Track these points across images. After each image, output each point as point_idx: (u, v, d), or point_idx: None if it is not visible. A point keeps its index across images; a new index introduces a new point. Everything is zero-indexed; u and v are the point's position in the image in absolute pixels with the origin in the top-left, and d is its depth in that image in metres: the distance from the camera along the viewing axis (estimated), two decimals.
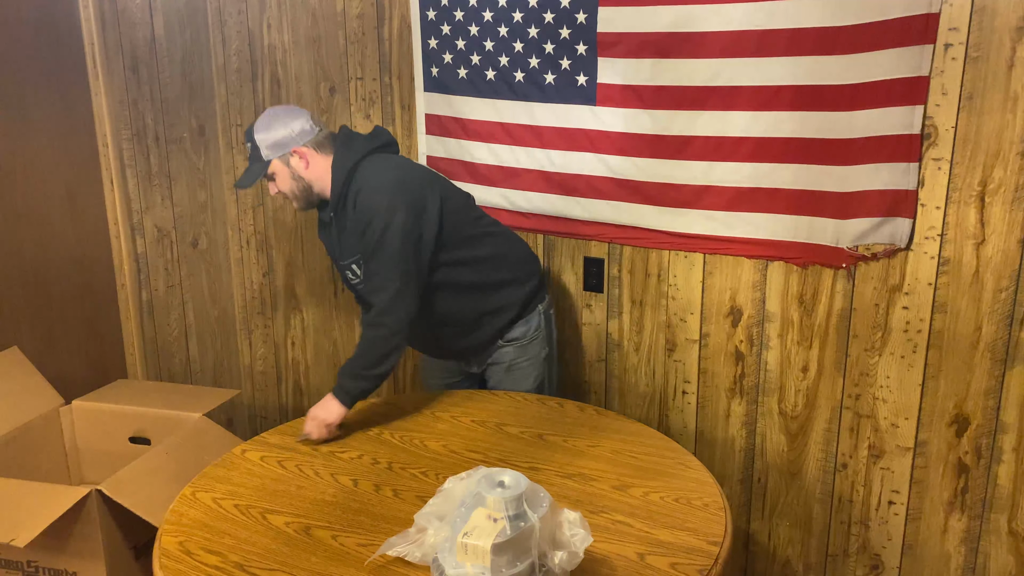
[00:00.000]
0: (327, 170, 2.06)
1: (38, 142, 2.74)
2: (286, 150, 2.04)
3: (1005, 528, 1.93)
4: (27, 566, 2.11)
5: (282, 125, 2.04)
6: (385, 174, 2.02)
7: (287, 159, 2.05)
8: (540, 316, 2.18)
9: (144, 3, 2.78)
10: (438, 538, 1.35)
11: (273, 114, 2.07)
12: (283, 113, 2.07)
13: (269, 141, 2.04)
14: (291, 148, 2.04)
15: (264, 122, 2.06)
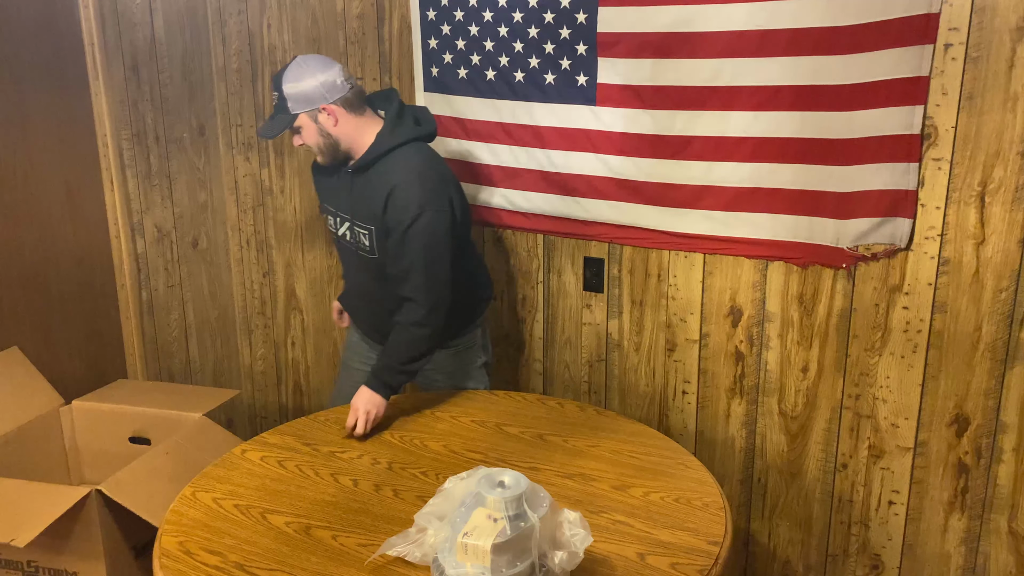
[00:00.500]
0: (357, 129, 1.99)
1: (38, 142, 2.73)
2: (315, 106, 1.96)
3: (1005, 528, 1.93)
4: (27, 566, 2.11)
5: (312, 78, 1.95)
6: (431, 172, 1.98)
7: (315, 115, 1.97)
8: (479, 328, 2.22)
9: (144, 3, 2.78)
10: (438, 538, 1.35)
11: (304, 64, 1.97)
12: (315, 64, 1.97)
13: (298, 94, 1.95)
14: (320, 105, 1.96)
15: (294, 72, 1.96)
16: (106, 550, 2.07)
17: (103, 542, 2.06)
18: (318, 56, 2.01)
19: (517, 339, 2.48)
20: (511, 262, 2.42)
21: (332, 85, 1.95)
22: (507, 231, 2.40)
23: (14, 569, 2.12)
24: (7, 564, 2.12)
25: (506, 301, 2.46)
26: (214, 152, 2.82)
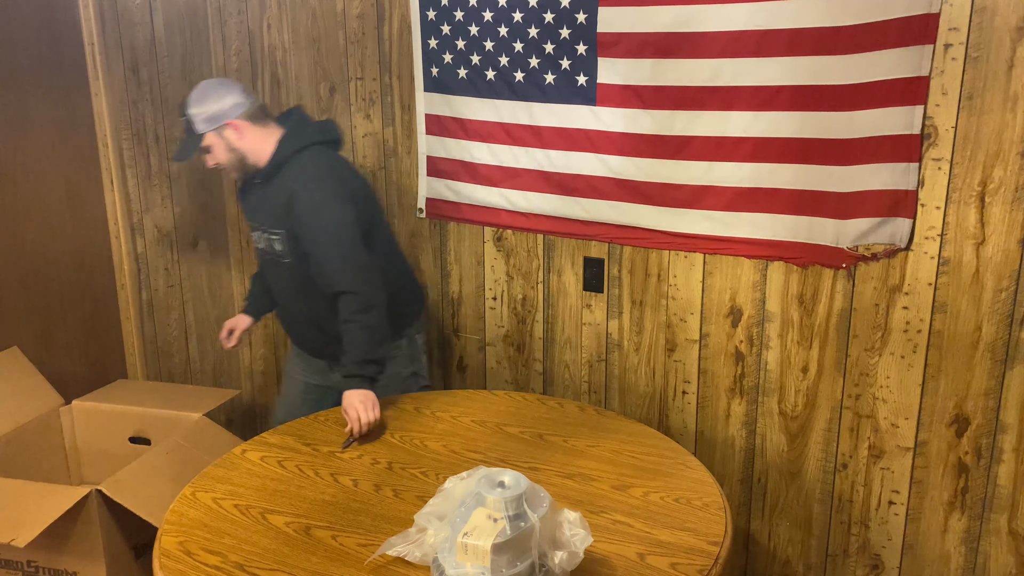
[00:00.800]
0: (261, 140, 2.11)
1: (38, 142, 2.74)
2: (220, 123, 2.09)
3: (1005, 528, 1.93)
4: (27, 566, 2.11)
5: (215, 99, 2.09)
6: (328, 170, 2.09)
7: (221, 131, 2.10)
8: (406, 340, 2.25)
9: (144, 3, 2.78)
10: (438, 538, 1.35)
11: (206, 87, 2.12)
12: (216, 86, 2.12)
13: (203, 115, 2.09)
14: (225, 121, 2.09)
15: (197, 96, 2.11)
16: (106, 550, 2.07)
17: (103, 542, 2.06)
18: (217, 79, 2.20)
19: (517, 339, 2.48)
20: (511, 262, 2.43)
21: (234, 103, 2.11)
22: (507, 231, 2.41)
23: (14, 569, 2.12)
24: (7, 564, 2.12)
25: (506, 301, 2.47)
26: None
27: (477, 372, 2.58)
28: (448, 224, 2.49)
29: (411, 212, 2.54)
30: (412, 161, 2.49)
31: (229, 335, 2.39)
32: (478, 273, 2.49)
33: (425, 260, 2.56)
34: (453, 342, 2.60)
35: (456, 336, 2.59)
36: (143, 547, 2.18)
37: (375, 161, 2.56)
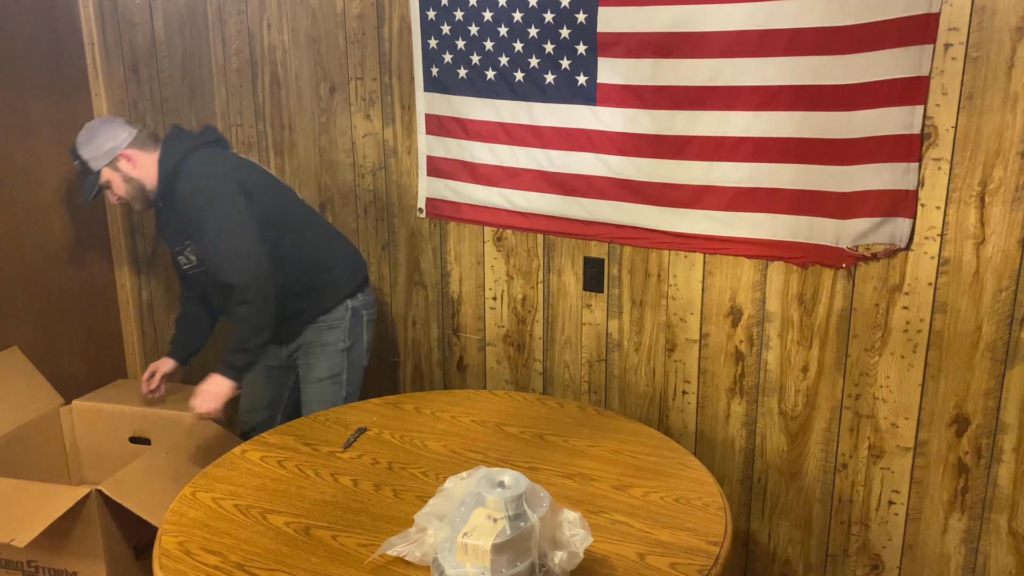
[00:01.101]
0: (154, 165, 2.19)
1: (38, 142, 2.73)
2: (112, 156, 2.19)
3: (1005, 528, 1.93)
4: (27, 566, 2.11)
5: (102, 135, 2.20)
6: (207, 167, 2.17)
7: (115, 164, 2.20)
8: (347, 310, 2.31)
9: (144, 3, 2.78)
10: (438, 538, 1.35)
11: (91, 127, 2.24)
12: (101, 123, 2.24)
13: (94, 152, 2.20)
14: (117, 153, 2.19)
15: (84, 136, 2.22)
16: (106, 550, 2.07)
17: (103, 542, 2.06)
18: (101, 118, 2.30)
19: (517, 339, 2.48)
20: (511, 262, 2.43)
21: (120, 134, 2.21)
22: (507, 231, 2.41)
23: (14, 569, 2.12)
24: (7, 564, 2.12)
25: (506, 301, 2.47)
26: None
27: (477, 372, 2.59)
28: (448, 224, 2.49)
29: (411, 212, 2.54)
30: (412, 161, 2.49)
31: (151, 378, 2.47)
32: (478, 273, 2.49)
33: (425, 260, 2.56)
34: (453, 342, 2.60)
35: (456, 336, 2.59)
36: (143, 547, 2.18)
37: (375, 161, 2.56)
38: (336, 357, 2.30)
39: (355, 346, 2.35)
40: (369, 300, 2.40)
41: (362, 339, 2.37)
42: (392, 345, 2.72)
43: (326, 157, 2.63)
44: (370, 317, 2.40)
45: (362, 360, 2.39)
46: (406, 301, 2.64)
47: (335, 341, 2.30)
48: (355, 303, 2.34)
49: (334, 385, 2.29)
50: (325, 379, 2.29)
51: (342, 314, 2.31)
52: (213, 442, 2.35)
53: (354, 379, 2.36)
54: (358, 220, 2.64)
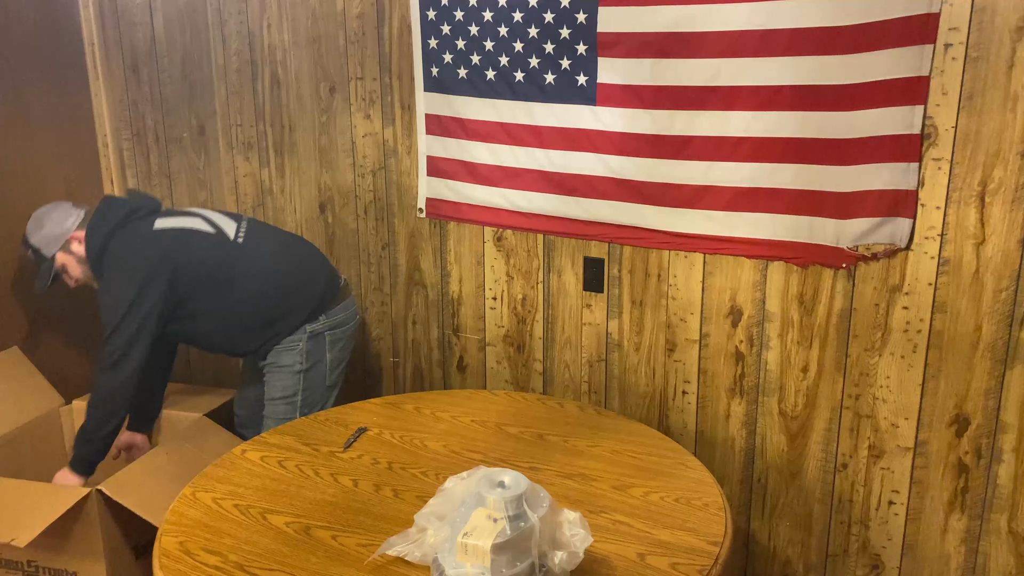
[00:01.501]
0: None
1: (38, 142, 2.73)
2: (63, 240, 2.22)
3: (1005, 528, 1.93)
4: (27, 566, 2.11)
5: (50, 221, 2.23)
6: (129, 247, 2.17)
7: (68, 248, 2.22)
8: (304, 333, 2.28)
9: (144, 3, 2.78)
10: (438, 538, 1.35)
11: (39, 215, 2.27)
12: (48, 210, 2.27)
13: (45, 239, 2.23)
14: (67, 237, 2.21)
15: (34, 225, 2.26)
16: (106, 550, 2.07)
17: (103, 542, 2.06)
18: (47, 205, 2.32)
19: (517, 339, 2.48)
20: (511, 262, 2.43)
21: (69, 219, 2.23)
22: (507, 231, 2.41)
23: (14, 569, 2.12)
24: (7, 564, 2.12)
25: (506, 301, 2.47)
26: (214, 152, 2.82)
27: (477, 372, 2.59)
28: (448, 224, 2.49)
29: (411, 212, 2.54)
30: (412, 161, 2.49)
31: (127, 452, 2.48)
32: (478, 273, 2.49)
33: (425, 260, 2.56)
34: (453, 342, 2.60)
35: (456, 336, 2.59)
36: (143, 547, 2.18)
37: (375, 161, 2.56)
38: (291, 378, 2.27)
39: (315, 368, 2.30)
40: (336, 320, 2.33)
41: (324, 360, 2.31)
42: (392, 345, 2.72)
43: (326, 157, 2.63)
44: (336, 336, 2.33)
45: (324, 380, 2.33)
46: (406, 301, 2.64)
47: (291, 363, 2.27)
48: (315, 326, 2.28)
49: (286, 406, 2.27)
50: (277, 399, 2.27)
51: (299, 337, 2.27)
52: (213, 442, 2.35)
53: (311, 400, 2.31)
54: (358, 220, 2.64)
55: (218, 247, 2.24)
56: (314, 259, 2.39)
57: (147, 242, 2.19)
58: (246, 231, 2.31)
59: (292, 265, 2.32)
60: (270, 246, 2.33)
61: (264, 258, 2.29)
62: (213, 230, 2.26)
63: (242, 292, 2.22)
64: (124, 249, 2.17)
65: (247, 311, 2.24)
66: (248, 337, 2.26)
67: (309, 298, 2.29)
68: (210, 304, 2.21)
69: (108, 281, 2.16)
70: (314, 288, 2.32)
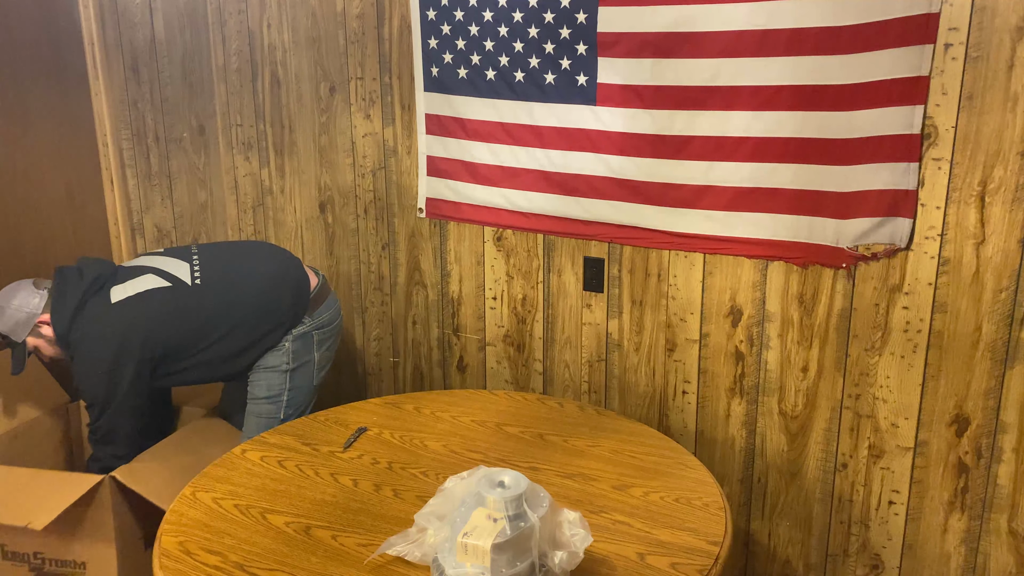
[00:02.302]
0: None
1: (38, 142, 2.73)
2: (31, 326, 2.17)
3: (1005, 528, 1.93)
4: (34, 558, 2.11)
5: (15, 309, 2.17)
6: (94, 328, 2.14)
7: (38, 332, 2.18)
8: (289, 335, 2.27)
9: (144, 3, 2.78)
10: (438, 538, 1.35)
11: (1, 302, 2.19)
12: (8, 297, 2.19)
13: (12, 325, 2.17)
14: (34, 321, 2.16)
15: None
16: (117, 538, 2.07)
17: (115, 529, 2.06)
18: (7, 287, 2.23)
19: (517, 339, 2.48)
20: (511, 262, 2.43)
21: (30, 300, 2.18)
22: (507, 231, 2.41)
23: (21, 562, 2.12)
24: (14, 556, 2.12)
25: (506, 301, 2.47)
26: (214, 152, 2.82)
27: (477, 372, 2.59)
28: (448, 224, 2.49)
29: (411, 212, 2.54)
30: (412, 161, 2.49)
31: None
32: (478, 273, 2.49)
33: (425, 260, 2.56)
34: (453, 342, 2.60)
35: (456, 336, 2.59)
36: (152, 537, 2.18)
37: (375, 161, 2.56)
38: (277, 378, 2.26)
39: (302, 367, 2.29)
40: (321, 319, 2.31)
41: (312, 360, 2.30)
42: (392, 345, 2.72)
43: (326, 157, 2.63)
44: (323, 336, 2.31)
45: (311, 380, 2.32)
46: (406, 301, 2.64)
47: (277, 363, 2.26)
48: (300, 329, 2.26)
49: (271, 405, 2.26)
50: (262, 399, 2.26)
51: (284, 339, 2.26)
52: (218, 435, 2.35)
53: (297, 400, 2.30)
54: (358, 220, 2.64)
55: (179, 299, 2.18)
56: (276, 270, 2.30)
57: (109, 321, 2.14)
58: (200, 268, 2.24)
59: (256, 289, 2.25)
60: (229, 276, 2.26)
61: (228, 293, 2.22)
62: (169, 283, 2.19)
63: (216, 334, 2.19)
64: (88, 330, 2.14)
65: (226, 348, 2.21)
66: (233, 365, 2.25)
67: (282, 315, 2.25)
68: (187, 355, 2.19)
69: (80, 363, 2.15)
70: (284, 303, 2.26)
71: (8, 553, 2.11)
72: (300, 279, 2.30)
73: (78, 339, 2.14)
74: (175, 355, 2.18)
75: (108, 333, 2.13)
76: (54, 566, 2.11)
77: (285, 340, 2.25)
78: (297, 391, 2.29)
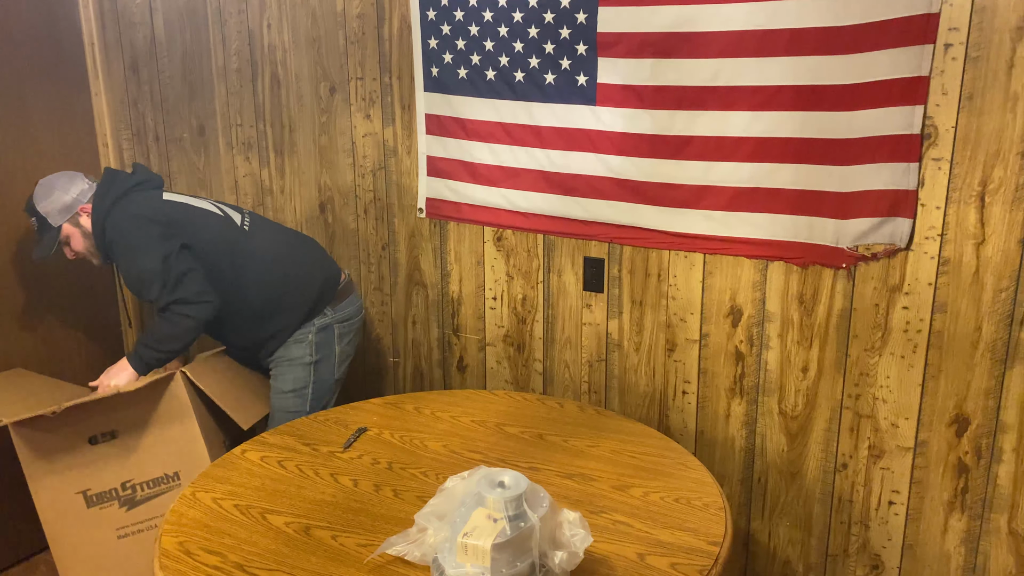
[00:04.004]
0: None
1: (38, 141, 2.74)
2: (72, 212, 2.17)
3: (1005, 528, 1.93)
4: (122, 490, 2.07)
5: (62, 191, 2.17)
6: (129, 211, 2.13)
7: (76, 220, 2.18)
8: (312, 326, 2.30)
9: (144, 3, 2.78)
10: (438, 538, 1.35)
11: (49, 183, 2.19)
12: (59, 179, 2.19)
13: (54, 208, 2.17)
14: (77, 208, 2.17)
15: (43, 192, 2.19)
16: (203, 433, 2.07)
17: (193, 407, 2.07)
18: (59, 173, 2.24)
19: (517, 339, 2.48)
20: (511, 262, 2.43)
21: (80, 189, 2.18)
22: (507, 231, 2.41)
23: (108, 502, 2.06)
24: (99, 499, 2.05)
25: (506, 301, 2.47)
26: (214, 152, 2.82)
27: (477, 372, 2.59)
28: (448, 224, 2.49)
29: (411, 212, 2.54)
30: (412, 161, 2.49)
31: None
32: (478, 273, 2.49)
33: (425, 260, 2.56)
34: (453, 342, 2.60)
35: (456, 336, 2.59)
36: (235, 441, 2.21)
37: (375, 161, 2.56)
38: (301, 371, 2.30)
39: (324, 360, 2.34)
40: (344, 313, 2.37)
41: (332, 353, 2.34)
42: (392, 345, 2.72)
43: (326, 157, 2.63)
44: (344, 330, 2.37)
45: (332, 374, 2.36)
46: (406, 301, 2.64)
47: (301, 355, 2.29)
48: (323, 320, 2.32)
49: (297, 398, 2.29)
50: (288, 392, 2.29)
51: (308, 330, 2.30)
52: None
53: (320, 393, 2.33)
54: (358, 220, 2.64)
55: (226, 230, 2.24)
56: (314, 256, 2.40)
57: (157, 209, 2.15)
58: (250, 222, 2.33)
59: (292, 259, 2.34)
60: (273, 237, 2.34)
61: (266, 249, 2.29)
62: (221, 214, 2.26)
63: (244, 279, 2.22)
64: (134, 211, 2.12)
65: (245, 300, 2.23)
66: (243, 329, 2.25)
67: (307, 294, 2.30)
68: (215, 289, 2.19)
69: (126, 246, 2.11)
70: (312, 285, 2.33)
71: (92, 498, 2.07)
72: (332, 267, 2.41)
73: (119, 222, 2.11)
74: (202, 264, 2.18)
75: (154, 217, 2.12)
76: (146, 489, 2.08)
77: (309, 331, 2.27)
78: (320, 384, 2.33)
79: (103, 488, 2.07)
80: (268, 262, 2.28)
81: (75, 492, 2.03)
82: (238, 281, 2.22)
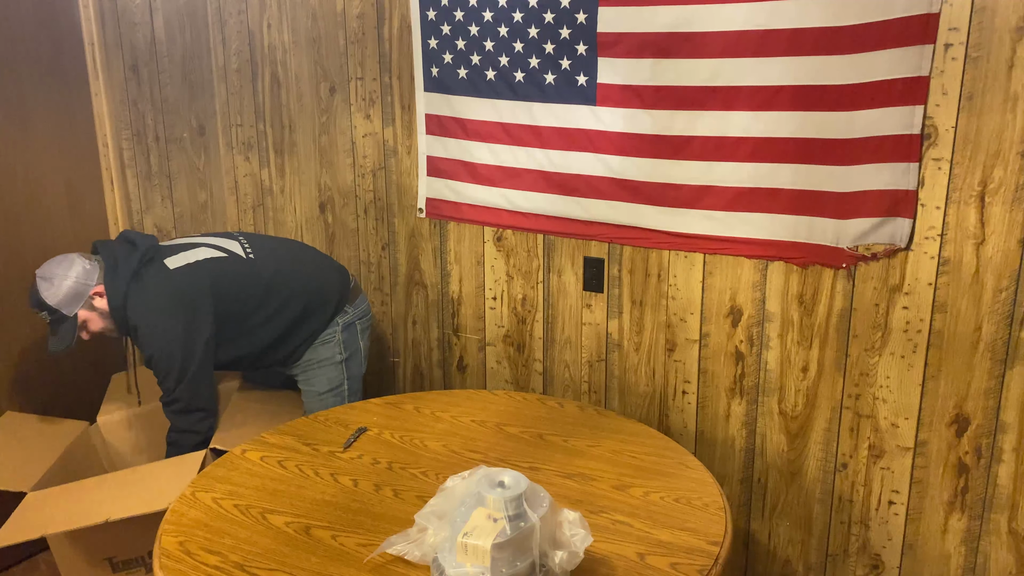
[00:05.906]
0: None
1: (38, 142, 2.73)
2: (84, 297, 2.08)
3: (1005, 528, 1.93)
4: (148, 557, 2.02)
5: (62, 276, 2.06)
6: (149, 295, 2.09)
7: (90, 304, 2.09)
8: (337, 325, 2.31)
9: (144, 3, 2.78)
10: (438, 538, 1.35)
11: (47, 273, 2.09)
12: (55, 266, 2.09)
13: (64, 297, 2.06)
14: (89, 292, 2.08)
15: (44, 284, 2.07)
16: None
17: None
18: (55, 259, 2.12)
19: (517, 339, 2.48)
20: (511, 262, 2.43)
21: (85, 271, 2.08)
22: (507, 231, 2.41)
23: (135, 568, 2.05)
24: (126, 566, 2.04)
25: (506, 301, 2.47)
26: (214, 152, 2.82)
27: (477, 372, 2.59)
28: (448, 224, 2.49)
29: (411, 212, 2.54)
30: (412, 161, 2.49)
31: None
32: (478, 273, 2.49)
33: (425, 260, 2.56)
34: (453, 342, 2.60)
35: (456, 336, 2.59)
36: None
37: (375, 161, 2.56)
38: (334, 370, 2.31)
39: (352, 357, 2.36)
40: (361, 309, 2.40)
41: (359, 349, 2.37)
42: (392, 345, 2.72)
43: (326, 157, 2.63)
44: (364, 325, 2.40)
45: (360, 369, 2.40)
46: (406, 301, 2.64)
47: (331, 355, 2.31)
48: (346, 318, 2.34)
49: (335, 398, 2.31)
50: (326, 392, 2.30)
51: (333, 330, 2.31)
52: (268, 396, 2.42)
53: (355, 388, 2.37)
54: (358, 220, 2.64)
55: (237, 267, 2.20)
56: (319, 259, 2.42)
57: (172, 286, 2.11)
58: (250, 246, 2.28)
59: (307, 267, 2.34)
60: (278, 254, 2.32)
61: (281, 268, 2.27)
62: (224, 254, 2.22)
63: (270, 307, 2.22)
64: (151, 299, 2.09)
65: (276, 324, 2.24)
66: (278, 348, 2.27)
67: (330, 294, 2.32)
68: (241, 328, 2.20)
69: (149, 334, 2.08)
70: (330, 285, 2.35)
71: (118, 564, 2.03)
72: (341, 268, 2.42)
73: (141, 310, 2.08)
74: (234, 320, 2.17)
75: (175, 298, 2.10)
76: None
77: (335, 330, 2.30)
78: (353, 380, 2.36)
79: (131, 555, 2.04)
80: (287, 282, 2.26)
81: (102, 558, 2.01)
82: (263, 312, 2.23)
